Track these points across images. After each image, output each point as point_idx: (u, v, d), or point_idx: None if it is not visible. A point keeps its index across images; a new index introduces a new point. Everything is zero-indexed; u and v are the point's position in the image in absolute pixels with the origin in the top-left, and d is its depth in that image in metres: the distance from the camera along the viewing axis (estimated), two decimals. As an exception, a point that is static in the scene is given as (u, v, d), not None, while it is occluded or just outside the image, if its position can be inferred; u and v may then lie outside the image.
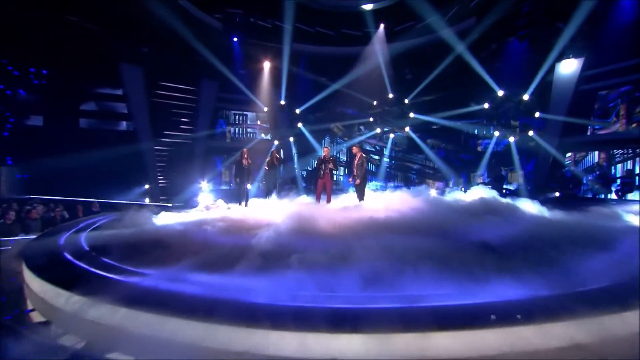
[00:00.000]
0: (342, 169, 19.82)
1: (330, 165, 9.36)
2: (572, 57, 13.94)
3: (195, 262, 4.08)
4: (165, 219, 7.42)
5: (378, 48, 15.46)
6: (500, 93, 13.83)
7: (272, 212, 7.73)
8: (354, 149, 9.60)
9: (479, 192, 9.65)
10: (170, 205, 12.31)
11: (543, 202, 9.13)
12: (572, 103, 14.01)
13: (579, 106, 14.01)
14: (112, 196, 12.91)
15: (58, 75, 13.54)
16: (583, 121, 14.02)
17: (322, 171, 9.43)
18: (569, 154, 14.72)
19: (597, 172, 13.82)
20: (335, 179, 9.13)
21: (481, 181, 17.20)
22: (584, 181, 13.61)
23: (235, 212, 8.58)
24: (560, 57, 14.11)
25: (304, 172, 18.39)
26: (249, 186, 11.02)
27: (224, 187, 17.72)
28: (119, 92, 14.74)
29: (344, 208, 8.00)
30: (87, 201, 11.40)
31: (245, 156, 10.66)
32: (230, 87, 16.75)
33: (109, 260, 4.35)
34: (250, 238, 5.25)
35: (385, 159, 18.37)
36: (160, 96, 15.96)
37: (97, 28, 13.29)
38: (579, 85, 14.00)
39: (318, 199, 9.65)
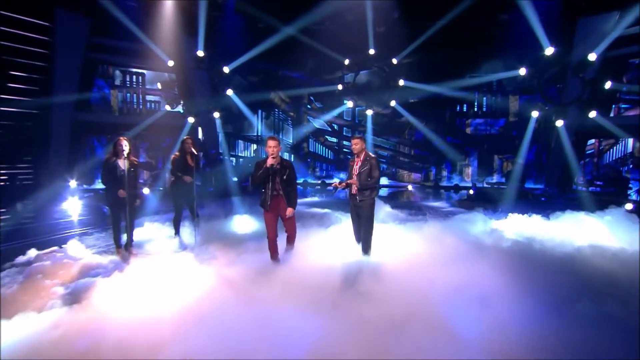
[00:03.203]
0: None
1: (286, 176, 4.45)
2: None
3: None
4: None
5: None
6: (550, 51, 9.57)
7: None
8: (357, 143, 4.63)
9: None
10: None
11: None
12: (597, 72, 10.70)
13: (605, 76, 10.85)
14: None
15: None
16: None
17: (270, 192, 4.43)
18: (591, 141, 11.51)
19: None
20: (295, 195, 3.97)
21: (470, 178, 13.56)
22: None
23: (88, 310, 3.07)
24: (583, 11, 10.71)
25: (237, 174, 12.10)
26: (137, 201, 5.35)
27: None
28: None
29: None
30: None
31: (124, 148, 5.03)
32: (112, 27, 10.55)
33: None
34: None
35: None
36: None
37: None
38: (608, 50, 10.77)
39: (273, 252, 4.63)
